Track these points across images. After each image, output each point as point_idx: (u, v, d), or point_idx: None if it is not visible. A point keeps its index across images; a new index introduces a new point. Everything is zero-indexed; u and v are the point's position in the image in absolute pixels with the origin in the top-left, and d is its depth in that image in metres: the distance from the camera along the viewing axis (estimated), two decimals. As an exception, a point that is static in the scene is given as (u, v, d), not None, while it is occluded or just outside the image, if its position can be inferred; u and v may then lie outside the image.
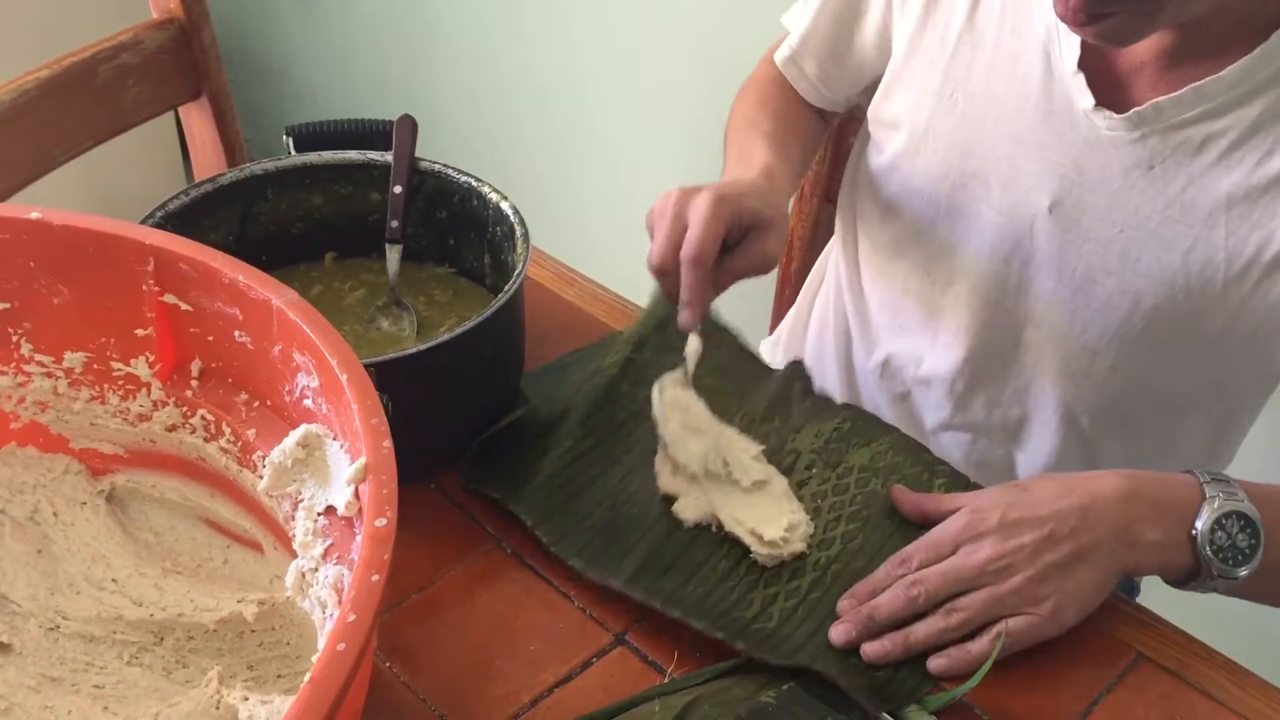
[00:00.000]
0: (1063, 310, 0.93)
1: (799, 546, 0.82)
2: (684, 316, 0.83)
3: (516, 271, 0.86)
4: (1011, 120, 0.91)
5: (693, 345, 0.86)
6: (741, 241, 0.84)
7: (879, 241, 1.05)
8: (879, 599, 0.76)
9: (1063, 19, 0.79)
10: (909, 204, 1.00)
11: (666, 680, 0.74)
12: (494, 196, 0.94)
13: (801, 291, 1.25)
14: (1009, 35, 0.91)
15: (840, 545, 0.83)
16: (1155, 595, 1.06)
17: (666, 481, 0.85)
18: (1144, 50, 0.85)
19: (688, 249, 0.81)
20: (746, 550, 0.81)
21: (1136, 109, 0.84)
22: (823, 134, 1.14)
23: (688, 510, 0.83)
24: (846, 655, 0.76)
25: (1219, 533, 0.75)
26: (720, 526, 0.82)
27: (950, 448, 1.06)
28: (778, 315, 1.35)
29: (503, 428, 0.88)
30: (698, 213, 0.81)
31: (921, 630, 0.75)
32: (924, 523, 0.82)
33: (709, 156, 1.20)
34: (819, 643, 0.76)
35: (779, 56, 1.08)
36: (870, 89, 1.03)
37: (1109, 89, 0.87)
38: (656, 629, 0.77)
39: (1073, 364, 0.96)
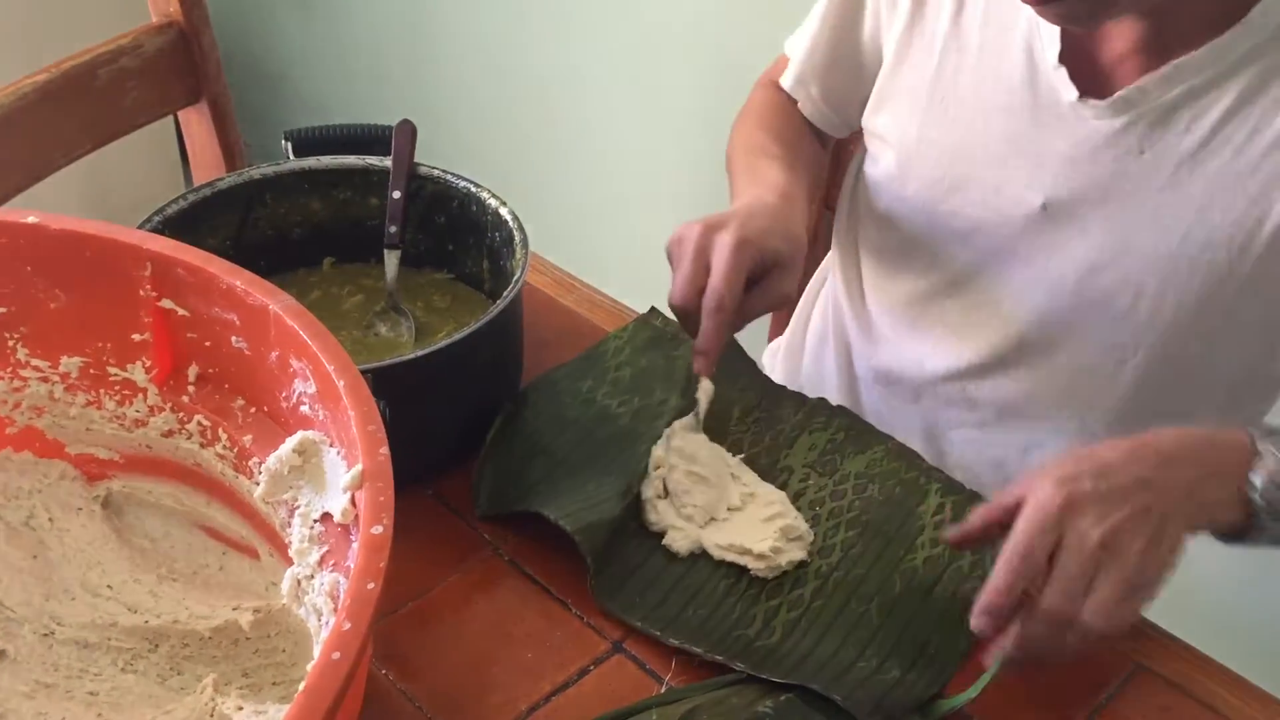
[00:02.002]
0: (1066, 306, 0.93)
1: (799, 554, 0.81)
2: (699, 363, 0.82)
3: (515, 277, 0.86)
4: (1001, 120, 0.91)
5: (705, 389, 0.87)
6: (762, 279, 0.83)
7: (879, 249, 1.05)
8: (1029, 638, 0.69)
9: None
10: (906, 211, 1.00)
11: (664, 689, 0.74)
12: (493, 202, 0.94)
13: (801, 300, 1.24)
14: (992, 36, 0.91)
15: (841, 552, 0.83)
16: (1154, 605, 1.05)
17: (657, 511, 0.84)
18: (1123, 42, 0.86)
19: (710, 299, 0.79)
20: (746, 567, 0.81)
21: (1120, 93, 0.85)
22: (824, 159, 1.13)
23: (678, 543, 0.82)
24: (848, 668, 0.75)
25: (1273, 489, 0.72)
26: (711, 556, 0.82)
27: (963, 446, 1.05)
28: (777, 323, 1.35)
29: (494, 446, 0.87)
30: (721, 258, 0.80)
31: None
32: (977, 537, 0.74)
33: (710, 163, 1.20)
34: (821, 655, 0.76)
35: (786, 82, 1.07)
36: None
37: (1092, 82, 0.87)
38: (655, 637, 0.76)
39: (1079, 359, 0.95)
